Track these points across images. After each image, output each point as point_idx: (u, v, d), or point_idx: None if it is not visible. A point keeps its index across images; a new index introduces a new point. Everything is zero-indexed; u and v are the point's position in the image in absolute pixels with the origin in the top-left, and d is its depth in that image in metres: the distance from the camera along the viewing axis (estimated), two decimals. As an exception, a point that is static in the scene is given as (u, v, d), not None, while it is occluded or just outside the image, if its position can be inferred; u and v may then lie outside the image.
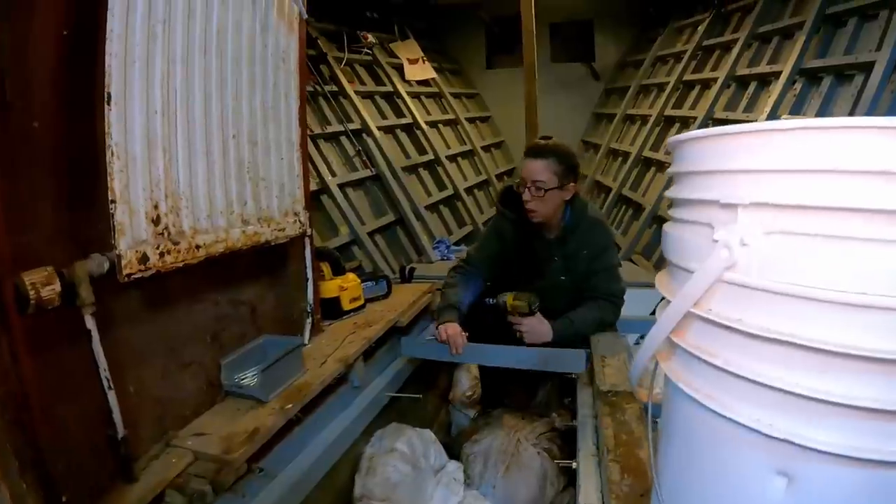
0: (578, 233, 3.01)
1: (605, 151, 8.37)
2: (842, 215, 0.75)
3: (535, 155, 2.87)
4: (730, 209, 0.84)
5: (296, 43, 2.37)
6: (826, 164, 0.75)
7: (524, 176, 2.90)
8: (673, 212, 1.06)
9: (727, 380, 0.86)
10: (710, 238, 0.87)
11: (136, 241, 1.61)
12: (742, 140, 0.85)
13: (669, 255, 1.02)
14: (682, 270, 0.95)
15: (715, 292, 0.87)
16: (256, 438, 1.89)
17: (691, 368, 0.94)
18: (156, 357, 1.90)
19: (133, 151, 1.60)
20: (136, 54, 1.60)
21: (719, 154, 0.89)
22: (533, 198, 2.86)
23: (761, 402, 0.83)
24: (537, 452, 2.65)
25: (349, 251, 5.34)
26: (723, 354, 0.86)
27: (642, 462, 1.77)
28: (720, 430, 0.88)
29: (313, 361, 2.42)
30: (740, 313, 0.83)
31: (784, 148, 0.80)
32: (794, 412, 0.80)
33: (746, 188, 0.83)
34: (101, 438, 1.66)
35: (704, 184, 0.92)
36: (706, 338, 0.90)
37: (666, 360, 1.00)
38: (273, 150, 2.24)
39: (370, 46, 7.15)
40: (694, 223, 0.94)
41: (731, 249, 0.82)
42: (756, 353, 0.82)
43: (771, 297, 0.79)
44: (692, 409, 0.93)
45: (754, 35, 5.88)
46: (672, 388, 1.00)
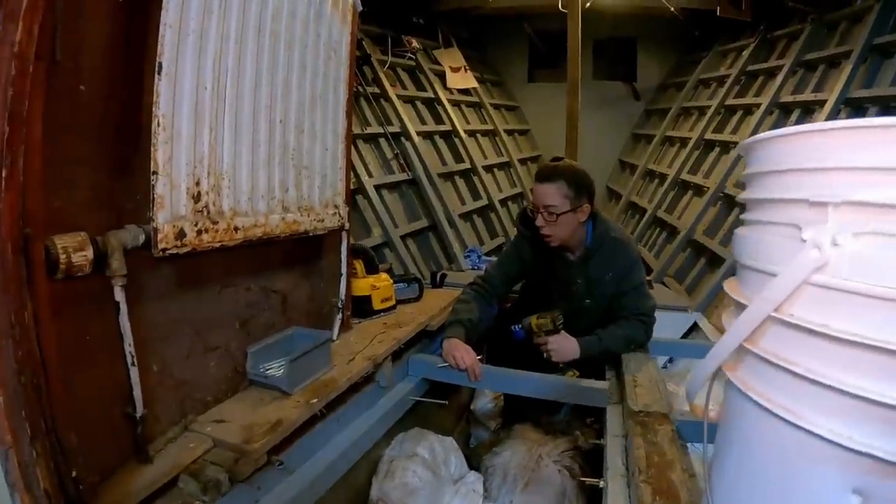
0: (601, 254, 2.94)
1: (642, 172, 8.29)
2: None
3: (545, 179, 2.79)
4: (819, 208, 0.78)
5: (348, 35, 2.35)
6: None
7: (535, 201, 2.84)
8: (748, 215, 0.99)
9: (805, 389, 0.80)
10: (795, 239, 0.81)
11: (174, 216, 1.58)
12: (834, 137, 0.80)
13: (744, 259, 0.95)
14: (760, 273, 0.89)
15: (799, 295, 0.81)
16: (278, 430, 1.85)
17: (764, 377, 0.87)
18: (182, 338, 1.87)
19: (179, 125, 1.58)
20: (191, 27, 1.58)
21: (807, 152, 0.84)
22: (546, 223, 2.80)
23: (841, 413, 0.77)
24: (558, 470, 2.60)
25: (380, 253, 5.31)
26: (804, 362, 0.80)
27: (675, 485, 1.70)
28: (792, 443, 0.82)
29: (341, 358, 2.38)
30: (826, 318, 0.77)
31: (881, 145, 0.74)
32: (878, 424, 0.74)
33: (837, 187, 0.77)
34: (119, 415, 1.63)
35: (789, 183, 0.86)
36: (785, 345, 0.83)
37: (733, 369, 0.93)
38: (318, 139, 2.21)
39: (414, 52, 7.15)
40: (776, 224, 0.89)
41: (821, 249, 0.77)
42: (840, 361, 0.76)
43: (859, 300, 0.73)
44: (760, 421, 0.86)
45: (799, 62, 5.80)
46: (736, 400, 0.93)
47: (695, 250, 5.88)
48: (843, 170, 0.78)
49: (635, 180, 8.38)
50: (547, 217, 2.77)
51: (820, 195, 0.78)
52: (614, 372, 2.79)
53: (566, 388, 2.67)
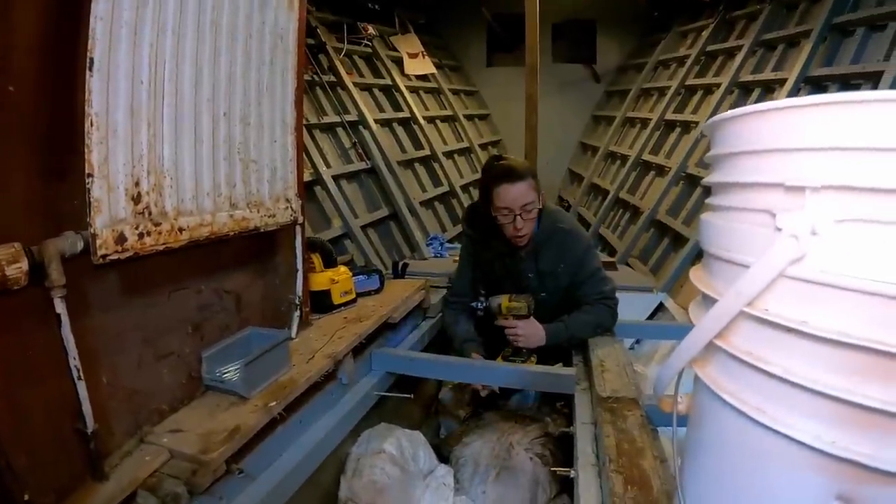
0: (551, 246, 2.94)
1: (604, 154, 8.31)
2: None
3: (518, 178, 2.77)
4: (796, 193, 0.72)
5: (295, 21, 2.26)
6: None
7: (510, 205, 2.77)
8: (715, 199, 0.92)
9: (783, 390, 0.74)
10: (769, 227, 0.75)
11: (113, 220, 1.49)
12: (812, 114, 0.73)
13: (712, 248, 0.89)
14: (730, 264, 0.83)
15: (775, 289, 0.74)
16: (236, 438, 1.78)
17: (736, 376, 0.81)
18: (131, 346, 1.78)
19: (114, 123, 1.49)
20: (124, 19, 1.49)
21: (782, 131, 0.76)
22: (525, 222, 2.80)
23: (821, 416, 0.71)
24: (529, 458, 2.57)
25: (341, 244, 5.24)
26: (780, 361, 0.74)
27: (646, 473, 1.68)
28: (769, 446, 0.76)
29: (300, 356, 2.31)
30: (804, 314, 0.71)
31: (865, 122, 0.68)
32: (862, 428, 0.69)
33: (816, 169, 0.71)
34: (70, 432, 1.55)
35: (761, 165, 0.80)
36: (759, 342, 0.77)
37: (703, 366, 0.87)
38: (266, 131, 2.12)
39: (370, 38, 7.06)
40: (746, 210, 0.82)
41: (798, 239, 0.70)
42: (820, 360, 0.70)
43: (842, 295, 0.68)
44: (734, 423, 0.81)
45: (759, 42, 5.83)
46: (707, 398, 0.87)
47: (658, 230, 5.90)
48: (822, 150, 0.72)
49: (597, 162, 8.39)
50: (526, 216, 2.77)
51: (796, 178, 0.72)
52: (581, 357, 2.78)
53: (533, 377, 2.64)
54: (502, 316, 2.88)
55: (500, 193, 2.78)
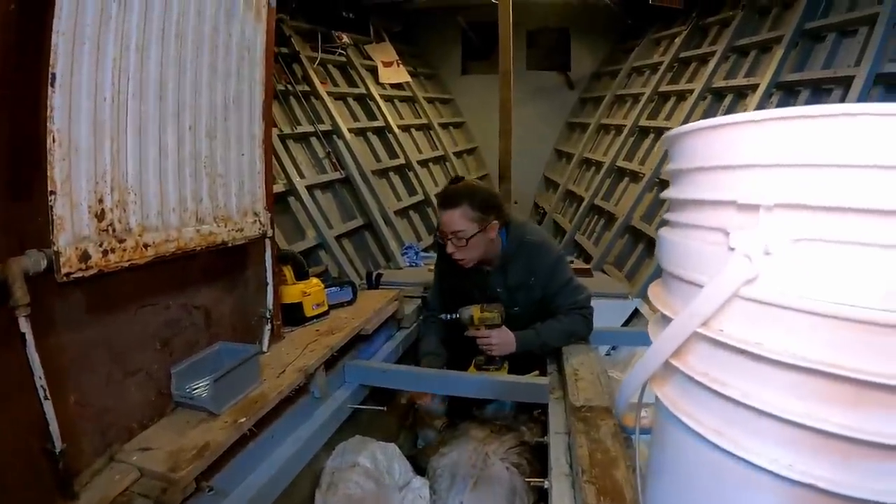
0: (519, 260, 2.93)
1: (578, 161, 8.35)
2: (889, 220, 0.63)
3: (447, 205, 2.78)
4: (749, 211, 0.71)
5: (262, 33, 2.24)
6: (873, 158, 0.63)
7: (441, 229, 2.83)
8: (672, 215, 0.91)
9: (740, 413, 0.73)
10: (722, 245, 0.74)
11: (76, 238, 1.48)
12: (765, 128, 0.71)
13: (667, 265, 0.88)
14: (685, 283, 0.82)
15: (728, 310, 0.73)
16: (206, 455, 1.75)
17: (694, 398, 0.80)
18: (99, 364, 1.75)
19: (77, 139, 1.47)
20: (87, 34, 1.48)
21: (735, 146, 0.75)
22: (457, 248, 2.80)
23: (779, 440, 0.70)
24: (506, 468, 2.55)
25: (316, 255, 5.22)
26: (738, 384, 0.73)
27: (619, 483, 1.68)
28: (727, 469, 0.75)
29: (271, 371, 2.29)
30: (760, 335, 0.70)
31: (819, 138, 0.67)
32: (819, 452, 0.68)
33: (770, 186, 0.70)
34: (38, 452, 1.52)
35: (716, 181, 0.79)
36: (715, 363, 0.76)
37: (661, 385, 0.86)
38: (233, 144, 2.11)
39: (344, 47, 7.07)
40: (701, 228, 0.81)
41: (751, 259, 0.69)
42: (777, 383, 0.69)
43: (797, 317, 0.66)
44: (691, 444, 0.80)
45: (732, 48, 5.92)
46: (666, 417, 0.86)
47: (633, 236, 5.94)
48: (776, 167, 0.71)
49: (571, 169, 8.43)
50: (456, 243, 2.78)
51: (749, 196, 0.71)
52: (556, 366, 2.77)
53: (507, 387, 2.64)
54: (474, 326, 2.88)
55: (439, 216, 2.86)
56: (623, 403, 0.92)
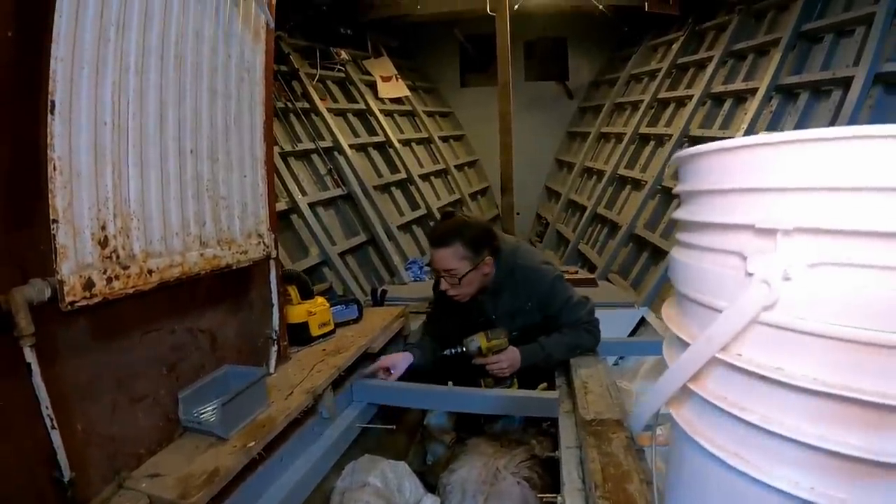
0: (511, 286, 2.87)
1: (580, 170, 8.34)
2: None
3: (438, 244, 2.74)
4: (767, 235, 0.69)
5: (262, 53, 2.24)
6: (889, 181, 0.61)
7: (434, 266, 2.81)
8: (684, 236, 0.89)
9: (760, 437, 0.71)
10: (739, 270, 0.72)
11: (80, 266, 1.46)
12: (783, 151, 0.70)
13: (682, 287, 0.86)
14: (702, 307, 0.80)
15: (747, 335, 0.72)
16: (216, 481, 1.74)
17: (712, 421, 0.78)
18: (105, 391, 1.74)
19: (78, 166, 1.46)
20: (86, 59, 1.47)
21: (752, 169, 0.74)
22: (451, 286, 2.78)
23: (800, 463, 0.68)
24: (517, 482, 2.53)
25: (319, 272, 5.21)
26: (757, 409, 0.71)
27: (633, 497, 1.64)
28: (745, 492, 0.73)
29: (279, 393, 2.27)
30: (780, 360, 0.68)
31: (836, 160, 0.65)
32: (840, 474, 0.66)
33: (787, 210, 0.68)
34: (47, 481, 1.51)
35: (731, 204, 0.77)
36: (733, 387, 0.75)
37: (678, 408, 0.85)
38: (235, 166, 2.10)
39: (343, 63, 7.07)
40: (716, 251, 0.79)
41: (770, 284, 0.68)
42: (797, 407, 0.68)
43: (818, 341, 0.65)
44: (709, 466, 0.78)
45: (729, 52, 5.91)
46: (683, 439, 0.84)
47: (637, 244, 5.92)
48: (794, 190, 0.69)
49: (573, 178, 8.43)
50: (450, 281, 2.76)
51: (767, 220, 0.69)
52: (564, 379, 2.74)
53: (516, 402, 2.61)
54: (481, 356, 2.79)
55: (431, 255, 2.83)
56: (639, 427, 0.90)
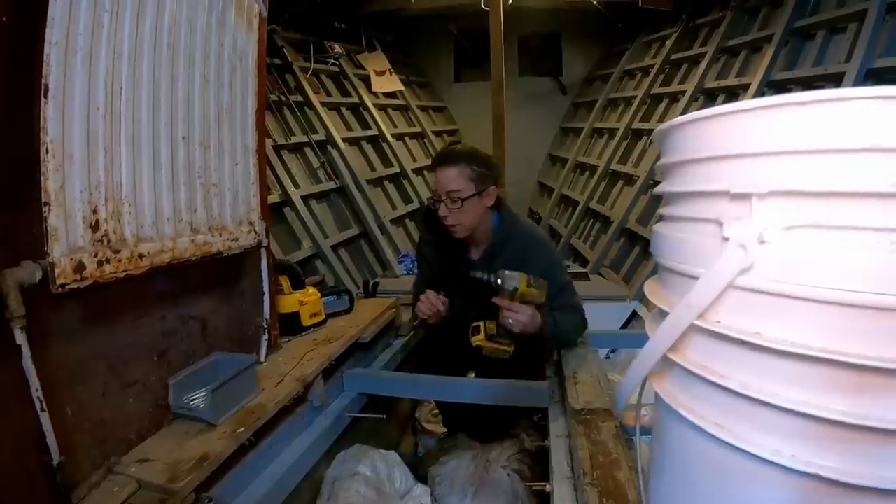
0: (508, 253, 2.70)
1: (573, 165, 8.34)
2: (883, 202, 0.62)
3: (445, 162, 2.61)
4: (742, 200, 0.70)
5: (255, 43, 2.24)
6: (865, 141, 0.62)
7: (437, 189, 2.65)
8: (666, 209, 0.91)
9: (740, 405, 0.71)
10: (717, 237, 0.72)
11: (71, 248, 1.47)
12: (757, 117, 0.70)
13: (662, 259, 0.87)
14: (681, 276, 0.81)
15: (725, 301, 0.72)
16: (205, 465, 1.74)
17: (693, 391, 0.79)
18: (96, 376, 1.74)
19: (71, 149, 1.47)
20: (79, 44, 1.48)
21: (726, 136, 0.74)
22: (450, 210, 2.61)
23: (781, 431, 0.69)
24: (507, 474, 2.54)
25: (312, 265, 5.21)
26: (737, 375, 0.71)
27: (622, 485, 1.67)
28: (728, 462, 0.74)
29: (269, 381, 2.28)
30: (758, 325, 0.69)
31: (810, 124, 0.66)
32: (822, 441, 0.66)
33: (763, 174, 0.69)
34: (35, 465, 1.51)
35: (707, 173, 0.77)
36: (714, 355, 0.75)
37: (660, 381, 0.85)
38: (227, 154, 2.10)
39: (337, 57, 7.05)
40: (695, 220, 0.80)
41: (746, 248, 0.68)
42: (777, 373, 0.68)
43: (795, 304, 0.65)
44: (692, 438, 0.78)
45: (722, 49, 5.92)
46: (666, 413, 0.85)
47: (629, 239, 5.93)
48: (768, 155, 0.70)
49: (566, 173, 8.42)
50: (451, 204, 2.60)
51: (742, 185, 0.70)
52: (554, 369, 2.75)
53: (506, 391, 2.59)
54: (510, 297, 2.45)
55: (435, 178, 2.68)
56: (622, 401, 0.91)
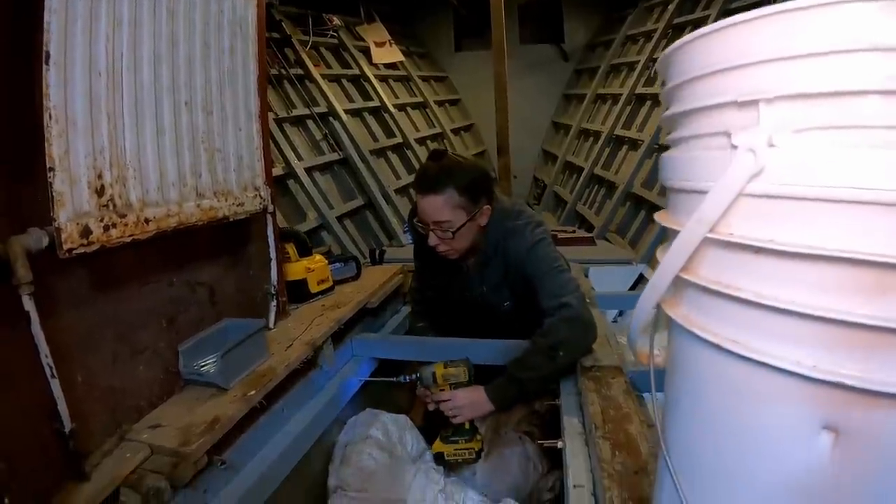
0: (499, 252, 2.45)
1: (576, 132, 8.34)
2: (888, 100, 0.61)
3: (428, 189, 2.27)
4: (749, 108, 0.69)
5: (253, 8, 2.22)
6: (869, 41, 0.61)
7: (421, 218, 2.35)
8: (672, 135, 0.88)
9: (756, 316, 0.70)
10: (726, 148, 0.71)
11: (77, 213, 1.46)
12: (760, 27, 0.69)
13: (673, 182, 0.85)
14: (691, 194, 0.79)
15: (736, 211, 0.71)
16: (216, 428, 1.75)
17: (708, 310, 0.77)
18: (105, 343, 1.74)
19: (73, 115, 1.46)
20: (79, 11, 1.46)
21: (730, 49, 0.73)
22: (442, 241, 2.34)
23: (800, 341, 0.67)
24: (518, 436, 2.55)
25: (318, 236, 5.24)
26: (751, 286, 0.70)
27: (633, 437, 1.68)
28: (747, 381, 0.73)
29: (278, 345, 2.29)
30: (771, 232, 0.67)
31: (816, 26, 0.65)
32: (844, 348, 0.65)
33: (768, 81, 0.68)
34: (48, 433, 1.51)
35: (713, 87, 0.76)
36: (728, 269, 0.73)
37: (674, 306, 0.84)
38: (230, 119, 2.09)
39: (336, 29, 7.03)
40: (703, 136, 0.79)
41: (755, 153, 0.67)
42: (793, 279, 0.66)
43: (808, 207, 0.64)
44: (709, 361, 0.78)
45: (725, 11, 5.84)
46: (681, 339, 0.84)
47: (634, 203, 5.94)
48: (772, 62, 0.68)
49: (570, 140, 8.42)
50: (441, 235, 2.32)
51: (748, 93, 0.69)
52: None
53: (514, 351, 2.52)
54: (437, 387, 2.35)
55: (417, 201, 2.38)
56: (637, 326, 0.90)
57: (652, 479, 1.46)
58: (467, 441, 2.35)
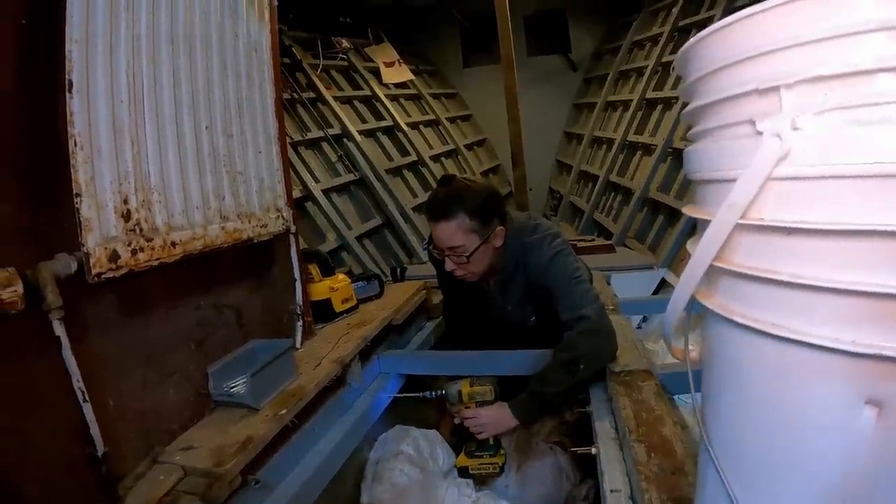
0: (519, 269, 2.47)
1: (589, 140, 8.33)
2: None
3: (439, 216, 2.29)
4: (770, 94, 0.70)
5: (267, 33, 2.25)
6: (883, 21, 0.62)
7: (436, 244, 2.41)
8: (695, 129, 0.89)
9: (793, 297, 0.70)
10: (751, 135, 0.72)
11: (104, 238, 1.48)
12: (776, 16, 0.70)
13: (699, 174, 0.86)
14: (719, 183, 0.80)
15: (766, 196, 0.71)
16: (249, 448, 1.76)
17: (744, 297, 0.78)
18: (135, 366, 1.76)
19: (98, 142, 1.48)
20: (99, 40, 1.50)
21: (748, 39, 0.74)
22: (458, 265, 2.37)
23: (837, 318, 0.67)
24: (550, 447, 2.53)
25: (338, 257, 5.25)
26: (787, 268, 0.70)
27: (668, 439, 1.67)
28: (787, 363, 0.73)
29: (307, 365, 2.29)
30: (802, 213, 0.68)
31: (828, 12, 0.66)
32: (882, 322, 0.65)
33: (787, 67, 0.69)
34: (81, 457, 1.52)
35: (734, 77, 0.77)
36: (761, 254, 0.74)
37: (709, 297, 0.84)
38: (250, 142, 2.11)
39: (345, 51, 7.09)
40: (727, 126, 0.79)
41: (781, 136, 0.68)
42: (827, 257, 0.67)
43: (835, 186, 0.65)
44: (748, 347, 0.78)
45: (730, 10, 5.81)
46: (718, 330, 0.84)
47: (652, 208, 5.91)
48: (789, 48, 0.69)
49: (583, 149, 8.42)
50: (456, 260, 2.36)
51: (768, 80, 0.70)
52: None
53: (542, 361, 2.47)
54: (463, 405, 2.39)
55: (431, 229, 2.41)
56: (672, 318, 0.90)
57: (690, 479, 1.45)
58: (491, 456, 2.39)
